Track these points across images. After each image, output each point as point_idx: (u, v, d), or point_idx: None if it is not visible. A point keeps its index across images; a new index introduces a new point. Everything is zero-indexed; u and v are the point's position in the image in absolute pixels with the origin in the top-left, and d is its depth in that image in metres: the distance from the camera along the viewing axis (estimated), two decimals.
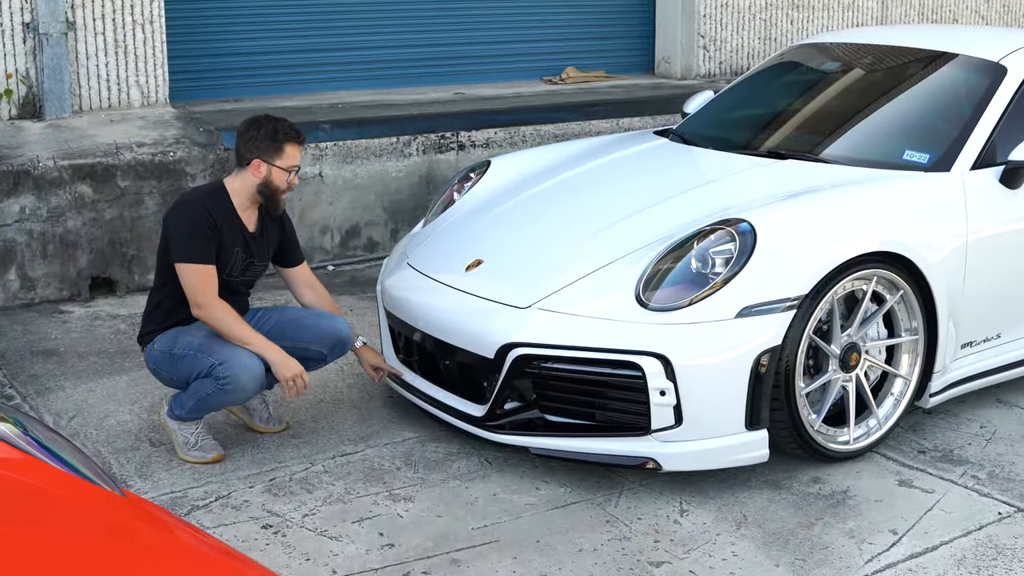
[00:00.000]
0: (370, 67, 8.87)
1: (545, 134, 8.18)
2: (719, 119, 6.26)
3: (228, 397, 4.59)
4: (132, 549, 2.33)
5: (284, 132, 4.72)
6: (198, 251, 4.59)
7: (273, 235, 4.91)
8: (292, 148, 4.72)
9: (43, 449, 2.61)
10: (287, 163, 4.71)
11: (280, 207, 4.86)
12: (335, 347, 4.85)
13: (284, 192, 4.78)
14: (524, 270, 4.82)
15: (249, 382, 4.54)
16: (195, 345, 4.60)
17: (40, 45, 7.07)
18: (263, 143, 4.70)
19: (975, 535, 4.22)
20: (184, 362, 4.62)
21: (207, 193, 4.76)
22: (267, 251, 4.90)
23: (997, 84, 5.32)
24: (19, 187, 6.49)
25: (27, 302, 6.61)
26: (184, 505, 4.37)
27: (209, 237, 4.60)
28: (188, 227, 4.61)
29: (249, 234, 4.78)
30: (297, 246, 5.06)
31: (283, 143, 4.70)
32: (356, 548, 4.09)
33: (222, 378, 4.52)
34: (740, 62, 10.12)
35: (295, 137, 4.74)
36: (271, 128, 4.72)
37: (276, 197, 4.76)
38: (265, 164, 4.69)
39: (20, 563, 2.08)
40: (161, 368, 4.73)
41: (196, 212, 4.63)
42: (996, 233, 5.04)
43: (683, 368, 4.29)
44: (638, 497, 4.47)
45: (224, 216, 4.68)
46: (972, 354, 5.07)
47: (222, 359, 4.53)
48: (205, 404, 4.63)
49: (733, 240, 4.47)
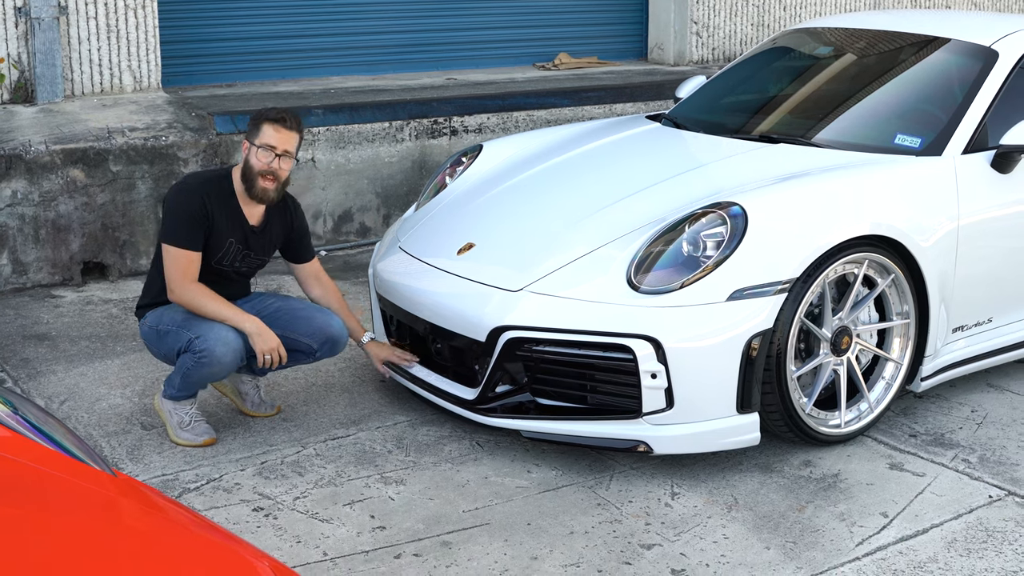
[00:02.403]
0: (363, 52, 8.86)
1: (538, 119, 8.17)
2: (711, 104, 6.26)
3: (206, 370, 4.58)
4: (123, 528, 2.33)
5: (266, 112, 4.71)
6: (183, 236, 4.58)
7: (278, 230, 4.86)
8: (269, 127, 4.66)
9: (34, 429, 2.61)
10: (261, 140, 4.64)
11: (258, 194, 4.68)
12: (325, 344, 4.81)
13: (262, 178, 4.64)
14: (516, 253, 4.82)
15: (225, 354, 4.53)
16: (177, 321, 4.63)
17: (32, 29, 7.05)
18: (250, 124, 4.72)
19: (966, 518, 4.23)
20: (168, 337, 4.64)
21: (209, 179, 4.74)
22: (269, 246, 4.87)
23: (989, 68, 5.32)
24: (11, 171, 6.47)
25: (19, 286, 6.60)
26: (175, 488, 4.37)
27: (198, 224, 4.59)
28: (179, 211, 4.61)
29: (250, 227, 4.75)
30: (308, 243, 5.01)
31: (261, 122, 4.67)
32: (347, 531, 4.10)
33: (199, 351, 4.53)
34: (733, 48, 10.11)
35: (274, 118, 4.67)
36: (259, 111, 4.75)
37: (252, 180, 4.65)
38: (248, 145, 4.68)
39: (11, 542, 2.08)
40: (150, 342, 4.76)
41: (191, 197, 4.62)
42: (987, 217, 5.04)
43: (674, 351, 4.30)
44: (629, 480, 4.48)
45: (222, 205, 4.66)
46: (963, 338, 5.08)
47: (199, 332, 4.55)
48: (189, 379, 4.63)
49: (724, 223, 4.47)
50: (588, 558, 3.94)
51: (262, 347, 4.59)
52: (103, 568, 2.10)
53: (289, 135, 4.69)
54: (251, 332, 4.59)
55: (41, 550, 2.08)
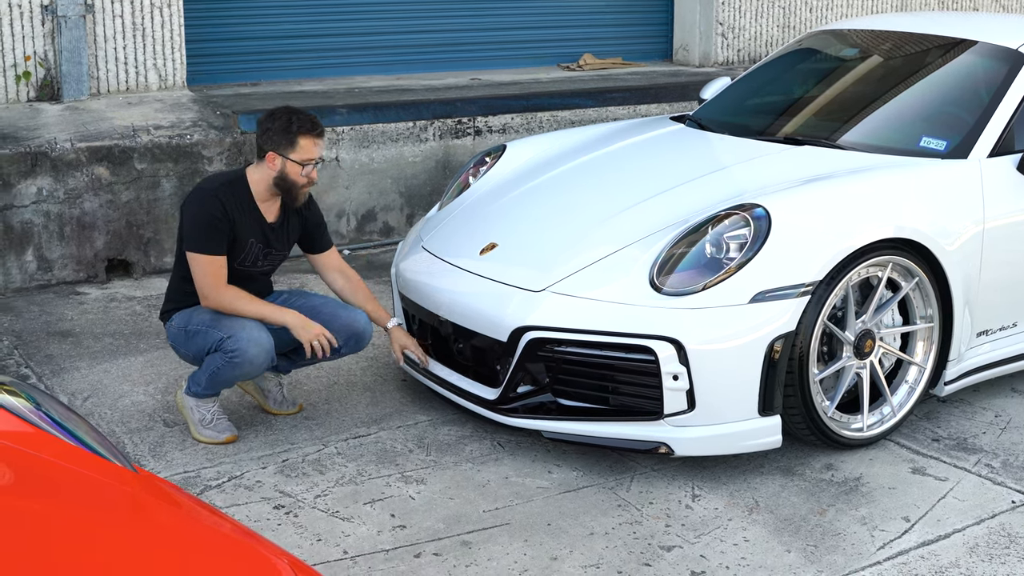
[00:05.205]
0: (387, 52, 8.87)
1: (562, 120, 8.17)
2: (736, 105, 6.24)
3: (238, 371, 4.59)
4: (144, 525, 2.34)
5: (298, 124, 4.62)
6: (207, 242, 4.57)
7: (296, 223, 4.87)
8: (307, 141, 4.62)
9: (57, 425, 2.62)
10: (301, 156, 4.62)
11: (298, 201, 4.75)
12: (350, 340, 4.81)
13: (303, 187, 4.69)
14: (538, 254, 4.81)
15: (258, 355, 4.54)
16: (206, 321, 4.62)
17: (58, 27, 7.08)
18: (277, 135, 4.63)
19: (988, 523, 4.21)
20: (197, 338, 4.63)
21: (225, 183, 4.70)
22: (288, 240, 4.87)
23: (1016, 71, 5.29)
24: (37, 169, 6.51)
25: (44, 283, 6.63)
26: (197, 485, 4.38)
27: (220, 229, 4.58)
28: (200, 217, 4.58)
29: (268, 225, 4.75)
30: (324, 233, 4.99)
31: (296, 135, 4.61)
32: (368, 529, 4.10)
33: (231, 351, 4.52)
34: (758, 50, 10.09)
35: (310, 130, 4.63)
36: (286, 120, 4.64)
37: (294, 192, 4.69)
38: (279, 157, 4.63)
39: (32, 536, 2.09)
40: (178, 344, 4.75)
41: (210, 203, 4.60)
42: (1013, 221, 5.01)
43: (696, 353, 4.29)
44: (650, 482, 4.47)
45: (240, 207, 4.65)
46: (988, 342, 5.06)
47: (230, 332, 4.54)
48: (217, 379, 4.63)
49: (748, 225, 4.46)
50: (608, 559, 3.94)
51: (308, 337, 4.58)
52: (124, 564, 2.11)
53: (322, 142, 4.72)
54: (294, 325, 4.59)
55: (63, 545, 2.09)
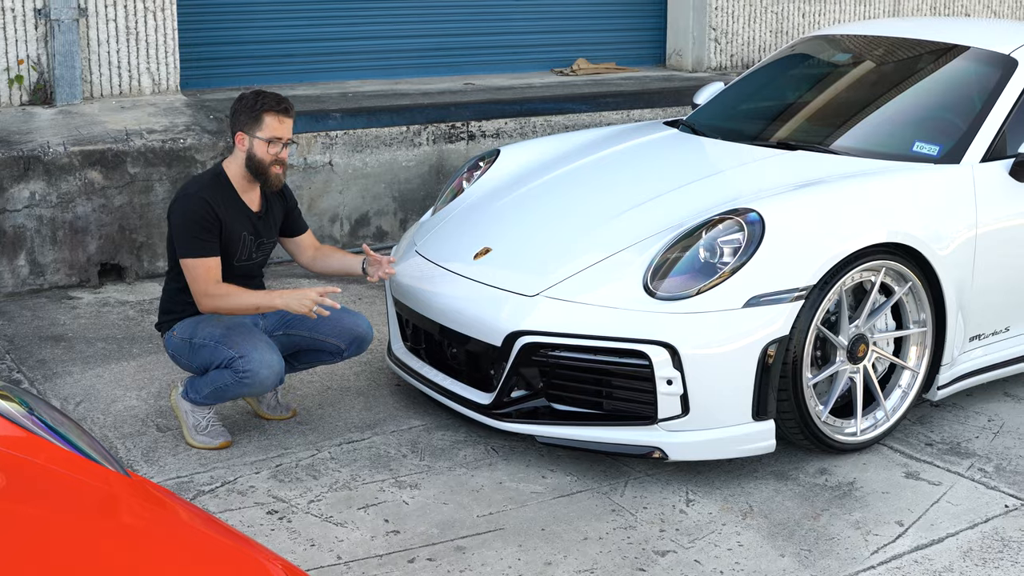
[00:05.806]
0: (381, 56, 8.87)
1: (555, 125, 8.17)
2: (729, 110, 6.25)
3: (246, 390, 4.60)
4: (136, 530, 2.33)
5: (262, 102, 4.63)
6: (199, 245, 4.57)
7: (278, 209, 4.90)
8: (271, 118, 4.62)
9: (49, 430, 2.62)
10: (267, 134, 4.62)
11: (273, 184, 4.73)
12: (353, 343, 4.84)
13: (273, 167, 4.67)
14: (532, 258, 4.81)
15: (269, 377, 4.54)
16: (216, 336, 4.60)
17: (51, 31, 7.07)
18: (243, 115, 4.65)
19: (981, 527, 4.21)
20: (204, 352, 4.62)
21: (206, 183, 4.70)
22: (274, 227, 4.90)
23: (1008, 77, 5.30)
24: (29, 173, 6.50)
25: (36, 288, 6.62)
26: (190, 490, 4.37)
27: (211, 230, 4.58)
28: (188, 221, 4.58)
29: (255, 215, 4.76)
30: (300, 215, 5.06)
31: (261, 112, 4.62)
32: (361, 534, 4.10)
33: (242, 371, 4.51)
34: (751, 55, 10.10)
35: (274, 106, 4.63)
36: (252, 99, 4.66)
37: (265, 172, 4.67)
38: (247, 137, 4.65)
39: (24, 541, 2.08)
40: (180, 355, 4.73)
41: (195, 205, 4.59)
42: (1006, 226, 5.02)
43: (690, 357, 4.29)
44: (644, 486, 4.47)
45: (226, 204, 4.65)
46: (980, 347, 5.06)
47: (243, 352, 4.52)
48: (222, 394, 4.63)
49: (741, 230, 4.46)
50: (602, 564, 3.94)
51: (307, 307, 4.54)
52: (117, 569, 2.11)
53: (290, 121, 4.71)
54: (289, 305, 4.56)
55: (55, 550, 2.09)
